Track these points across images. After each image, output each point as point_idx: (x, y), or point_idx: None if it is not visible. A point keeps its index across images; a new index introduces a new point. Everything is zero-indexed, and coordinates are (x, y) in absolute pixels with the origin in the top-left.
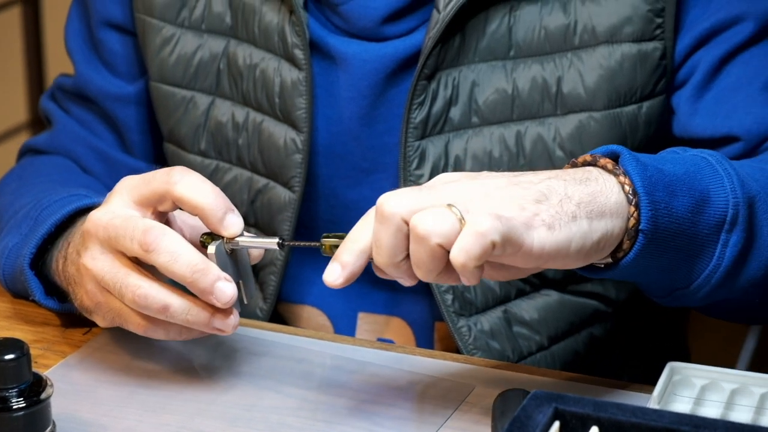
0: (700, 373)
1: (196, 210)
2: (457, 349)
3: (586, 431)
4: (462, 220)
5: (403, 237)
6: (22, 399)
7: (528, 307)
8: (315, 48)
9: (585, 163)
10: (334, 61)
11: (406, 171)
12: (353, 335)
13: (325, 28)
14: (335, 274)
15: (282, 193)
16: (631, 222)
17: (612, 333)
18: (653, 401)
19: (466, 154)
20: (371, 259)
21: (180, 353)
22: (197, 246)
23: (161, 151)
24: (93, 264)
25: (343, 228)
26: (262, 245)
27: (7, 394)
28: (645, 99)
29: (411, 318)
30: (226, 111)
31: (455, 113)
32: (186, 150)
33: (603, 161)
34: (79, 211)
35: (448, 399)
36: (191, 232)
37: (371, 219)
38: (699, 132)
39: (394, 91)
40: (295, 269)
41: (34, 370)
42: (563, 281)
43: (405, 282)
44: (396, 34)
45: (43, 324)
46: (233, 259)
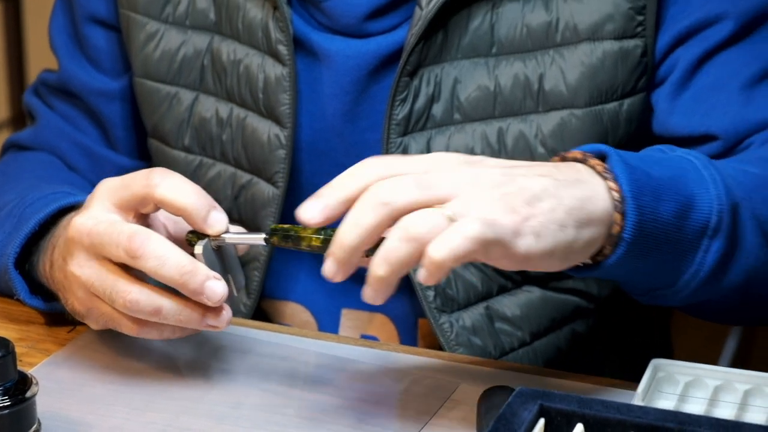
0: (683, 370)
1: (178, 212)
2: (440, 346)
3: (571, 428)
4: (452, 221)
5: (387, 225)
6: (7, 398)
7: (510, 304)
8: (298, 44)
9: (574, 160)
10: (317, 58)
11: None
12: (337, 331)
13: (309, 24)
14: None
15: (266, 189)
16: (615, 229)
17: (594, 329)
18: (638, 398)
19: (448, 150)
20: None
21: (166, 351)
22: (182, 242)
23: (145, 147)
24: (80, 272)
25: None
26: (247, 241)
27: None
28: (626, 96)
29: (394, 314)
30: (210, 107)
31: (437, 110)
32: (170, 146)
33: (593, 161)
34: (63, 210)
35: (432, 396)
36: (175, 227)
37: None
38: (677, 130)
39: (376, 88)
40: (279, 265)
41: (19, 368)
42: (545, 278)
43: (335, 279)
44: (379, 30)
45: (28, 322)
46: (220, 255)
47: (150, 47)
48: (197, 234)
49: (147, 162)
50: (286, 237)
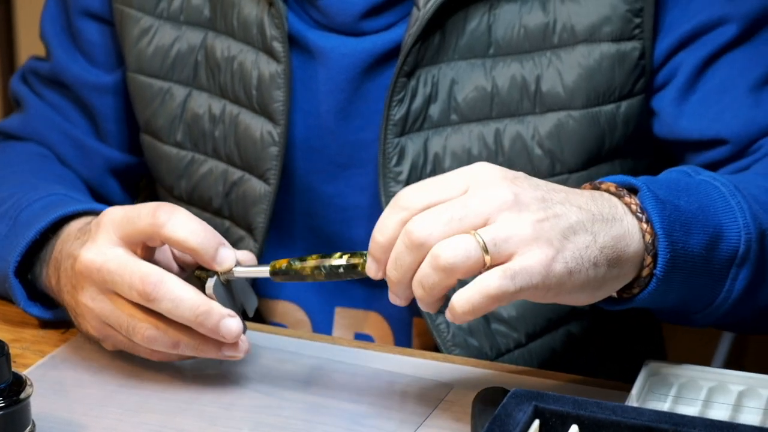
0: (677, 371)
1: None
2: (435, 345)
3: (565, 429)
4: (485, 250)
5: (423, 257)
6: (1, 399)
7: (506, 305)
8: (293, 42)
9: (607, 191)
10: (312, 55)
11: (385, 168)
12: (330, 330)
13: (304, 22)
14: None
15: (257, 186)
16: (645, 271)
17: (589, 331)
18: (632, 399)
19: (445, 151)
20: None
21: None
22: (189, 263)
23: (137, 141)
24: (93, 305)
25: (318, 220)
26: (255, 274)
27: None
28: (623, 98)
29: (388, 313)
30: (202, 103)
31: (434, 111)
32: (162, 141)
33: (627, 200)
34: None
35: (427, 397)
36: (181, 253)
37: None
38: (686, 134)
39: (371, 86)
40: None
41: (13, 369)
42: None
43: (399, 302)
44: (375, 29)
45: (22, 323)
46: (229, 287)
47: (144, 42)
48: (206, 270)
49: (138, 156)
50: (285, 274)
